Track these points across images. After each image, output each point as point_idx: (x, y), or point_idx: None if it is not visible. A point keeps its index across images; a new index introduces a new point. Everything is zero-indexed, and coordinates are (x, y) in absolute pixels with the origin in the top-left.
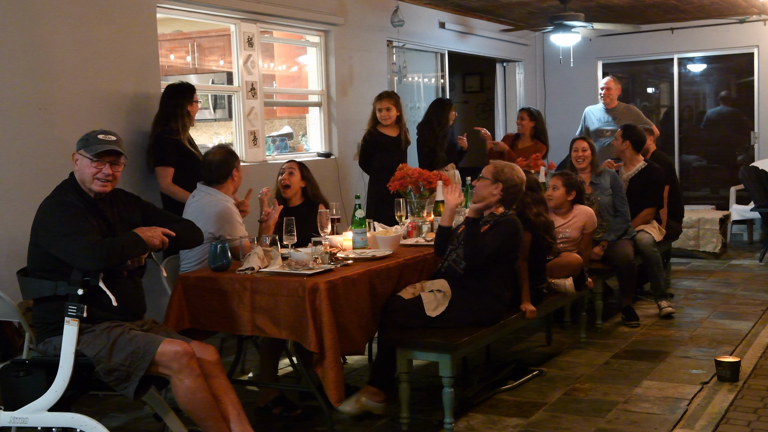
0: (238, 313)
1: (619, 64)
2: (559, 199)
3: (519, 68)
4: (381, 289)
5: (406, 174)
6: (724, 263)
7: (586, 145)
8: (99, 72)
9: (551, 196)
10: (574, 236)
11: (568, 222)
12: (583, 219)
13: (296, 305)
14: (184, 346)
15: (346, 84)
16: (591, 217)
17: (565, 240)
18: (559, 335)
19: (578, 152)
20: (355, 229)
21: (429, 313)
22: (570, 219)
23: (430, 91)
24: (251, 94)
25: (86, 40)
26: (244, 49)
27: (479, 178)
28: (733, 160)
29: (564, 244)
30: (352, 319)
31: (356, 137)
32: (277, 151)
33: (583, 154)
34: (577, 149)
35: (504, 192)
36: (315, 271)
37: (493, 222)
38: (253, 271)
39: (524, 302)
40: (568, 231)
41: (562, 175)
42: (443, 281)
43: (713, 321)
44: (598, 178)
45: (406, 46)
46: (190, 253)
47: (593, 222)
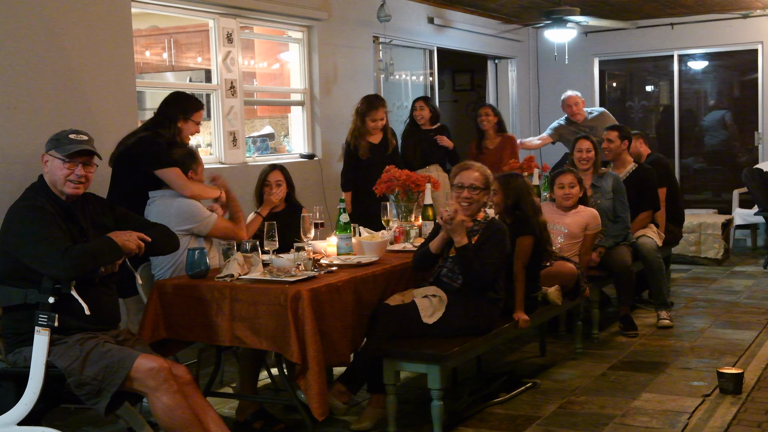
0: (217, 323)
1: (617, 61)
2: (576, 197)
3: (511, 65)
4: (367, 297)
5: (393, 176)
6: (727, 270)
7: (590, 144)
8: (70, 69)
9: (570, 194)
10: (575, 233)
11: (570, 218)
12: (586, 218)
13: (278, 314)
14: (160, 362)
15: (330, 82)
16: (595, 218)
17: (563, 234)
18: (554, 345)
19: (582, 153)
20: (340, 234)
21: (426, 320)
22: (572, 216)
23: (418, 90)
24: (231, 92)
25: (56, 35)
26: (223, 45)
27: (461, 189)
28: (736, 161)
29: (562, 240)
30: (337, 329)
31: (341, 138)
32: (257, 153)
33: (587, 155)
34: (581, 149)
35: (488, 194)
36: (297, 278)
37: (481, 231)
38: (233, 278)
39: (517, 311)
40: (566, 228)
41: (570, 172)
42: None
43: (715, 331)
44: (600, 180)
45: (393, 42)
46: (163, 259)
47: (597, 223)
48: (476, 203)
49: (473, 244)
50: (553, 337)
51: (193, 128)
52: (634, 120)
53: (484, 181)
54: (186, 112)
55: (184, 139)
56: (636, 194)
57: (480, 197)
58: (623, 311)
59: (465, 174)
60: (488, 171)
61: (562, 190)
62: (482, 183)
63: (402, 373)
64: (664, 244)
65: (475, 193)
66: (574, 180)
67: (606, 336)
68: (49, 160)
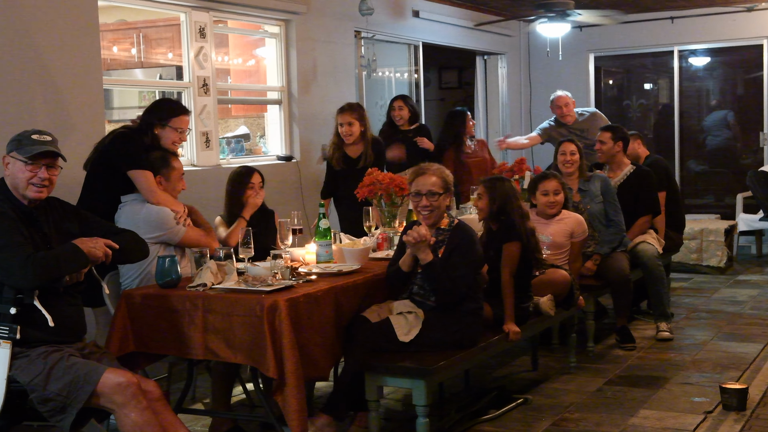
0: (189, 335)
1: (613, 57)
2: (560, 204)
3: (501, 62)
4: (348, 307)
5: (375, 180)
6: (730, 279)
7: (574, 147)
8: (32, 66)
9: (555, 202)
10: (560, 242)
11: (552, 226)
12: (570, 225)
13: (253, 326)
14: (128, 377)
15: (309, 79)
16: (581, 224)
17: (547, 245)
18: (547, 359)
19: (566, 156)
20: (319, 240)
21: (401, 338)
22: (555, 224)
23: (403, 87)
24: (203, 90)
25: (17, 29)
26: (196, 40)
27: (419, 197)
28: (740, 163)
29: (547, 250)
30: (316, 341)
31: (320, 138)
32: (232, 154)
33: (571, 158)
34: (565, 152)
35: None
36: (274, 288)
37: (447, 240)
38: (206, 288)
39: (507, 322)
40: (550, 238)
41: (554, 177)
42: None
43: (718, 343)
44: (587, 184)
45: (376, 37)
46: (130, 267)
47: (583, 229)
48: (438, 210)
49: (440, 257)
50: (546, 350)
51: (173, 135)
52: (632, 119)
53: (444, 184)
54: (162, 118)
55: (168, 147)
56: (634, 198)
57: (441, 202)
58: (620, 323)
59: (421, 180)
60: (446, 171)
61: (546, 198)
62: (442, 187)
63: (385, 388)
64: (664, 251)
65: (435, 199)
66: (558, 186)
67: (602, 349)
68: (11, 162)
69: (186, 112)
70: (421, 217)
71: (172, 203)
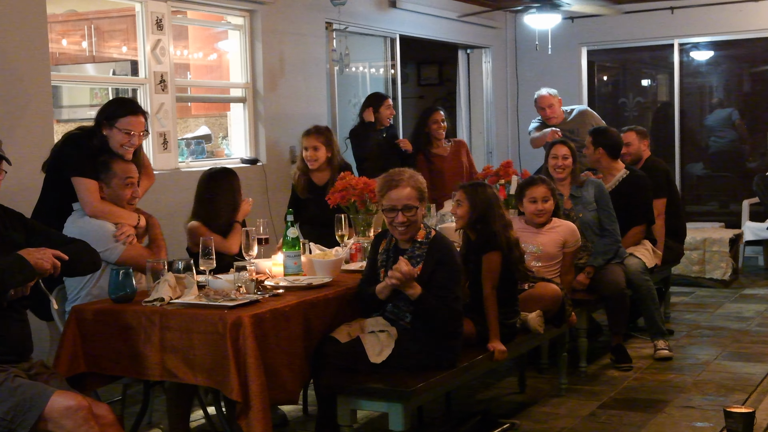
0: (145, 354)
1: (608, 50)
2: (550, 212)
3: (486, 56)
4: (318, 324)
5: (348, 185)
6: (735, 293)
7: (567, 150)
8: None
9: (544, 210)
10: (551, 253)
11: (543, 236)
12: (562, 234)
13: (215, 344)
14: (78, 400)
15: (276, 75)
16: (573, 233)
17: (537, 256)
18: (535, 380)
19: (558, 159)
20: (287, 251)
21: (372, 360)
22: (546, 233)
23: (378, 84)
24: (161, 87)
25: None
26: (152, 32)
27: (393, 213)
28: (746, 167)
29: (537, 262)
30: (283, 361)
31: (288, 140)
32: (192, 157)
33: (563, 162)
34: (557, 156)
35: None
36: (238, 303)
37: (425, 256)
38: (163, 303)
39: (492, 340)
40: (541, 249)
41: (543, 183)
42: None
43: (722, 363)
44: (580, 190)
45: (349, 29)
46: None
47: (576, 238)
48: (415, 224)
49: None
50: (535, 371)
51: (121, 137)
52: (628, 119)
53: (419, 194)
54: (109, 117)
55: (117, 151)
56: (626, 205)
57: (418, 215)
58: (615, 341)
59: (395, 193)
60: (419, 177)
61: (535, 205)
62: (417, 197)
63: (359, 413)
64: (663, 263)
65: (412, 214)
66: (547, 192)
67: (595, 369)
68: None
69: (134, 113)
70: (397, 233)
71: (118, 215)
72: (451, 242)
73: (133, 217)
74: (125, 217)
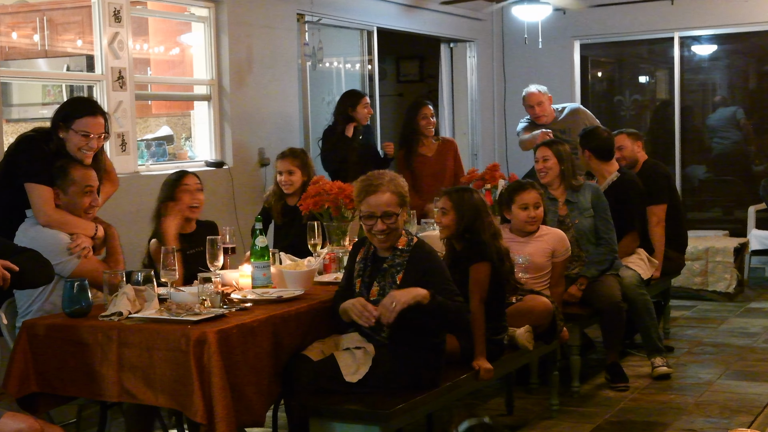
0: (102, 373)
1: (602, 44)
2: (540, 220)
3: (471, 50)
4: (289, 340)
5: (322, 190)
6: (740, 307)
7: (548, 152)
8: None
9: (536, 218)
10: (540, 263)
11: (531, 245)
12: (551, 243)
13: (178, 362)
14: (30, 422)
15: (243, 71)
16: (562, 241)
17: (525, 267)
18: (524, 401)
19: (539, 163)
20: (255, 261)
21: (348, 379)
22: (534, 242)
23: (354, 80)
24: (118, 84)
25: None
26: (110, 25)
27: (372, 220)
28: (752, 170)
29: (525, 274)
30: (251, 381)
31: (256, 140)
32: (152, 159)
33: (544, 164)
34: (538, 159)
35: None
36: (202, 318)
37: (407, 264)
38: (122, 317)
39: (478, 358)
40: (529, 259)
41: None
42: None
43: (726, 383)
44: (576, 195)
45: (323, 21)
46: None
47: (566, 247)
48: (395, 231)
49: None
50: (523, 391)
51: (78, 140)
52: (625, 118)
53: (400, 199)
54: (66, 119)
55: (74, 155)
56: (616, 212)
57: (399, 222)
58: (611, 358)
59: (374, 199)
60: (399, 180)
61: (526, 212)
62: (398, 203)
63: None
64: (663, 275)
65: (392, 221)
66: (538, 198)
67: (589, 389)
68: None
69: (92, 113)
70: (376, 241)
71: (74, 225)
72: (434, 249)
73: (90, 227)
74: (81, 228)
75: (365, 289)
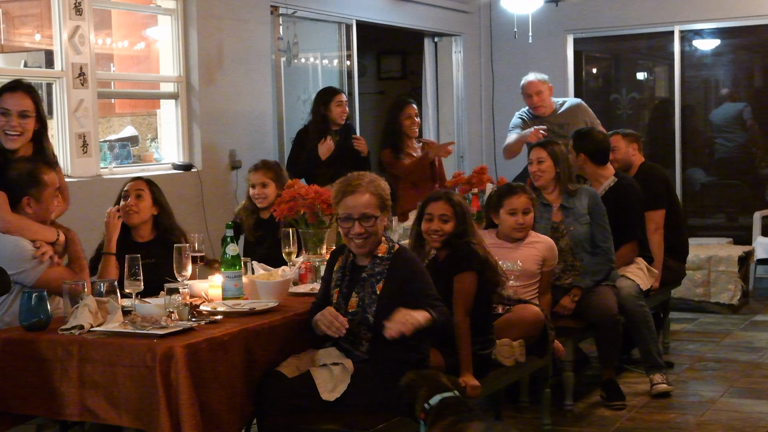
0: (62, 390)
1: (598, 39)
2: (530, 227)
3: (456, 45)
4: (262, 356)
5: (297, 194)
6: (745, 320)
7: (543, 154)
8: None
9: (525, 224)
10: (531, 271)
11: (522, 251)
12: (542, 250)
13: (143, 379)
14: None
15: (214, 67)
16: (552, 250)
17: (516, 274)
18: (514, 421)
19: (533, 165)
20: (226, 271)
21: (325, 397)
22: (525, 248)
23: (332, 77)
24: (80, 81)
25: None
26: (70, 18)
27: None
28: (758, 173)
29: (515, 281)
30: (221, 399)
31: (227, 142)
32: (116, 162)
33: (538, 167)
34: (532, 161)
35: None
36: (169, 331)
37: (386, 271)
38: (83, 331)
39: (464, 374)
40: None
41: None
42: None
43: (729, 401)
44: (572, 200)
45: (298, 14)
46: None
47: (554, 256)
48: (374, 236)
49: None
50: (513, 410)
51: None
52: (621, 118)
53: (380, 201)
54: None
55: (1, 138)
56: (612, 219)
57: (378, 226)
58: (606, 375)
59: (351, 200)
60: (380, 183)
61: (514, 218)
62: (378, 206)
63: None
64: (662, 285)
65: (371, 224)
66: (529, 203)
67: (583, 408)
68: None
69: (12, 89)
70: (353, 246)
71: (34, 231)
72: (416, 256)
73: (51, 232)
74: (42, 233)
75: (343, 300)
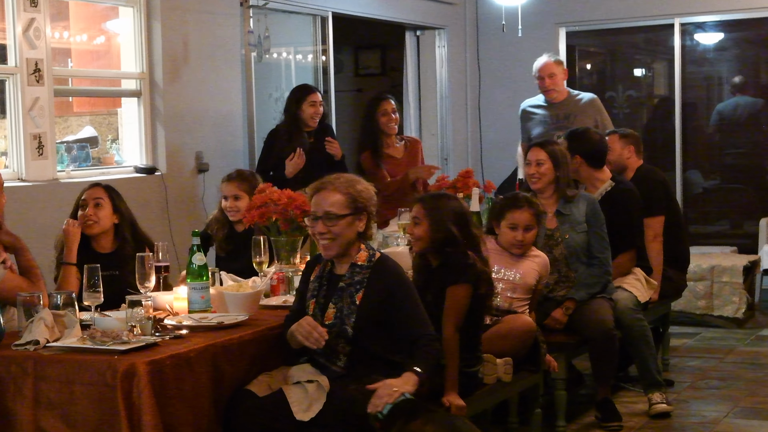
0: (14, 410)
1: (592, 32)
2: (531, 243)
3: (440, 38)
4: (231, 373)
5: (268, 199)
6: (751, 334)
7: (543, 155)
8: None
9: (524, 242)
10: (530, 284)
11: (525, 262)
12: (539, 266)
13: (103, 398)
14: None
15: (179, 63)
16: (546, 266)
17: (515, 285)
18: None
19: (531, 166)
20: (192, 282)
21: (299, 417)
22: (527, 260)
23: (306, 74)
24: (35, 77)
25: None
26: (24, 10)
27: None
28: (764, 177)
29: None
30: (187, 419)
31: (193, 143)
32: (74, 165)
33: (537, 169)
34: (530, 162)
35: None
36: (131, 347)
37: (366, 281)
38: (38, 347)
39: (448, 393)
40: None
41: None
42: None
43: (734, 422)
44: (569, 206)
45: (270, 6)
46: None
47: (548, 273)
48: (340, 238)
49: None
50: (501, 431)
51: None
52: (618, 117)
53: (350, 202)
54: None
55: None
56: (608, 227)
57: (344, 229)
58: (602, 393)
59: (317, 198)
60: (360, 185)
61: (513, 234)
62: (347, 206)
63: None
64: (661, 298)
65: (333, 223)
66: (532, 219)
67: (576, 429)
68: None
69: None
70: (320, 248)
71: None
72: (399, 266)
73: None
74: None
75: (320, 310)
